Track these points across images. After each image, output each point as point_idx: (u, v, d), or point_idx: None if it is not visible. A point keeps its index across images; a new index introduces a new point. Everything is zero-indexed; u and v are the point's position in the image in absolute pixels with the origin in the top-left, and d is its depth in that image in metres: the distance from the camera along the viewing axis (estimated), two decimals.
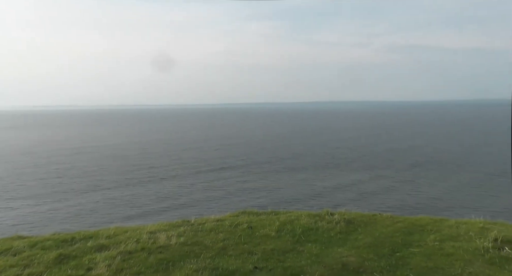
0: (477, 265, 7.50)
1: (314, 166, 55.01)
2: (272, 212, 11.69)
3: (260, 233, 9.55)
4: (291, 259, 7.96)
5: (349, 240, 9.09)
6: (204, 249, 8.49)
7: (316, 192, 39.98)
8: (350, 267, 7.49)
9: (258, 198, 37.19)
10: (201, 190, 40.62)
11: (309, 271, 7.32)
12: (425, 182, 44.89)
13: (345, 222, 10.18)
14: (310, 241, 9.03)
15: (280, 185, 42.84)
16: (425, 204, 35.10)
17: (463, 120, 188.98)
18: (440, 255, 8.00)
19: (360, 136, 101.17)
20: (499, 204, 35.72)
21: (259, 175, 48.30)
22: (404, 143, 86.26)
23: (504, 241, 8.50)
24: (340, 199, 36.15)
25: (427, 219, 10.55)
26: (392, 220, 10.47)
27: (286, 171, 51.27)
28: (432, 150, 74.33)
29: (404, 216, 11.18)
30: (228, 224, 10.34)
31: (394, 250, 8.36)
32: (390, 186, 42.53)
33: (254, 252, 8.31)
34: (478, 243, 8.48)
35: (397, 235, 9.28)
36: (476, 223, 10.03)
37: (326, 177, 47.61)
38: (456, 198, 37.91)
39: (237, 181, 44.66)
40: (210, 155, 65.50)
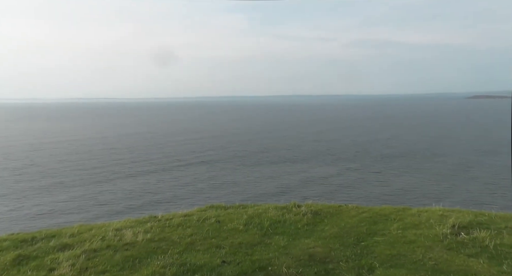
0: (437, 250, 7.82)
1: (283, 160, 55.51)
2: (240, 205, 11.69)
3: (228, 227, 9.54)
4: (258, 252, 7.99)
5: (315, 231, 9.22)
6: (172, 245, 8.40)
7: (284, 185, 40.42)
8: (316, 258, 7.61)
9: (226, 192, 37.20)
10: (169, 185, 40.18)
11: (276, 263, 7.39)
12: (391, 173, 46.29)
13: (312, 214, 10.32)
14: (278, 233, 9.10)
15: (248, 179, 42.99)
16: (389, 195, 36.23)
17: (428, 113, 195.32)
18: (403, 243, 8.27)
19: (329, 130, 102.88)
20: (457, 193, 37.39)
21: (228, 170, 48.27)
22: (372, 135, 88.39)
23: (461, 227, 8.92)
24: (307, 191, 36.72)
25: (390, 208, 10.85)
26: (357, 210, 10.70)
27: (254, 165, 51.46)
28: (399, 142, 76.64)
29: (369, 206, 11.45)
30: (195, 218, 10.25)
31: (359, 239, 8.57)
32: (356, 178, 43.57)
33: (222, 246, 8.30)
34: (437, 230, 8.83)
35: (362, 224, 9.50)
36: (436, 211, 10.42)
37: (295, 170, 48.17)
38: (419, 188, 39.31)
39: (205, 176, 44.46)
40: (178, 150, 64.80)
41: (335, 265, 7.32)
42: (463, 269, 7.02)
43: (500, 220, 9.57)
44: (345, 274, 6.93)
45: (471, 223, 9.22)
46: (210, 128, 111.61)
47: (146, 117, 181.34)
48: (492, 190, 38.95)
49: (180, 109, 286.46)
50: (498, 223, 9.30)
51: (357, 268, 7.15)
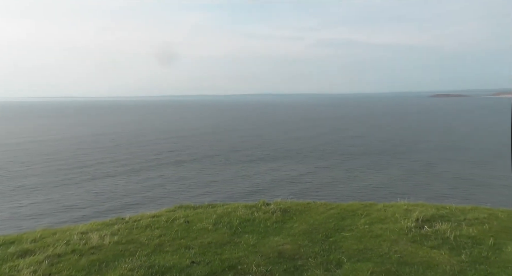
0: (402, 243, 8.07)
1: (251, 159, 55.65)
2: (209, 205, 11.60)
3: (197, 227, 9.45)
4: (228, 251, 7.97)
5: (285, 228, 9.29)
6: (140, 247, 8.23)
7: (253, 183, 40.54)
8: (286, 255, 7.67)
9: (196, 192, 36.93)
10: (137, 186, 39.46)
11: (246, 261, 7.39)
12: (358, 170, 47.33)
13: (281, 211, 10.38)
14: (247, 232, 9.10)
15: (217, 178, 42.83)
16: (357, 191, 37.06)
17: (393, 111, 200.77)
18: (370, 237, 8.48)
19: (295, 129, 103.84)
20: (421, 188, 38.78)
21: (196, 169, 47.90)
22: (339, 134, 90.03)
23: (424, 220, 9.25)
24: (276, 190, 37.00)
25: (358, 204, 11.07)
26: (325, 207, 10.85)
27: (223, 164, 51.34)
28: (365, 140, 78.42)
29: (337, 202, 11.64)
30: (164, 219, 10.10)
31: (328, 235, 8.71)
32: (325, 176, 44.28)
33: (191, 247, 8.22)
34: (402, 224, 9.10)
35: (330, 221, 9.65)
36: (401, 206, 10.72)
37: (263, 169, 48.38)
38: (385, 184, 40.44)
39: (174, 176, 43.95)
40: (146, 150, 63.66)
41: (304, 261, 7.40)
42: (426, 260, 7.28)
43: (459, 212, 9.97)
44: (314, 270, 7.02)
45: (434, 216, 9.56)
46: (176, 128, 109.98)
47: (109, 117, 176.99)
48: (453, 184, 40.62)
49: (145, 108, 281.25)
50: (458, 215, 9.69)
51: (325, 264, 7.26)
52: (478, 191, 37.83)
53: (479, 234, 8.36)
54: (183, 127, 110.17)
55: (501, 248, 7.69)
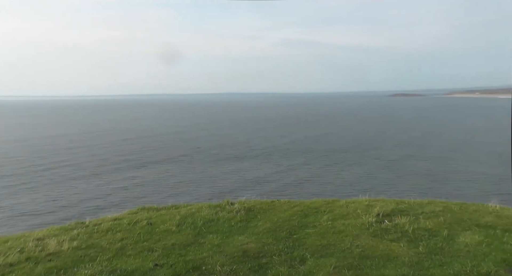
0: (363, 238, 8.30)
1: (215, 158, 55.42)
2: (172, 206, 11.44)
3: (160, 229, 9.29)
4: (192, 252, 7.89)
5: (249, 227, 9.31)
6: (101, 252, 7.99)
7: (217, 183, 40.41)
8: (250, 253, 7.69)
9: (159, 193, 36.34)
10: (96, 189, 38.34)
11: (210, 262, 7.35)
12: (321, 168, 48.18)
13: (245, 211, 10.39)
14: (211, 232, 9.05)
15: (180, 179, 42.36)
16: (320, 188, 37.72)
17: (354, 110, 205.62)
18: (332, 233, 8.65)
19: (260, 128, 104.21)
20: (382, 183, 40.03)
21: (158, 170, 47.14)
22: (301, 133, 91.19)
23: (384, 215, 9.56)
24: (240, 189, 37.05)
25: (321, 201, 11.27)
26: (289, 204, 10.97)
27: (187, 165, 50.81)
28: (327, 138, 79.92)
29: (301, 200, 11.79)
30: (126, 222, 9.86)
31: (292, 232, 8.81)
32: (288, 174, 44.75)
33: (155, 249, 8.07)
34: (364, 219, 9.36)
35: (294, 218, 9.77)
36: (362, 202, 11.01)
37: (228, 168, 48.31)
38: (348, 181, 41.43)
39: (136, 178, 43.05)
40: (107, 152, 61.90)
41: (268, 259, 7.45)
42: (386, 253, 7.53)
43: (417, 206, 10.37)
44: (278, 267, 7.08)
45: (394, 211, 9.88)
46: (137, 128, 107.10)
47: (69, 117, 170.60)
48: (412, 180, 42.20)
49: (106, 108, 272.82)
50: (416, 209, 10.07)
51: (289, 261, 7.34)
52: (434, 186, 39.51)
53: (435, 226, 8.74)
54: (144, 128, 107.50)
55: (454, 238, 8.09)
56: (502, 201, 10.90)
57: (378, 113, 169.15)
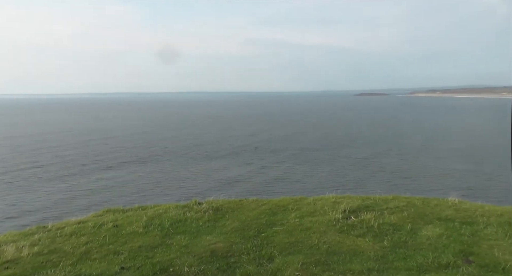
0: (330, 234, 8.44)
1: (183, 158, 54.87)
2: (139, 207, 11.25)
3: (126, 231, 9.11)
4: (159, 253, 7.79)
5: (217, 227, 9.28)
6: (64, 256, 7.73)
7: (186, 183, 40.01)
8: (218, 253, 7.67)
9: (125, 195, 35.60)
10: (58, 191, 37.09)
11: (178, 263, 7.28)
12: (289, 167, 48.60)
13: (213, 210, 10.35)
14: (179, 232, 8.96)
15: (148, 179, 41.67)
16: (288, 187, 38.04)
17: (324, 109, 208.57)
18: (300, 230, 8.75)
19: (228, 127, 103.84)
20: (349, 180, 40.86)
21: (124, 171, 46.15)
22: (271, 132, 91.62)
23: (351, 211, 9.76)
24: (209, 189, 36.84)
25: (288, 199, 11.36)
26: (257, 203, 11.00)
27: (154, 164, 50.03)
28: (295, 137, 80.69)
29: (269, 198, 11.84)
30: (91, 225, 9.61)
31: (260, 231, 8.85)
32: (257, 172, 44.88)
33: (121, 252, 7.91)
34: (331, 216, 9.52)
35: (262, 216, 9.81)
36: (329, 199, 11.19)
37: (196, 168, 47.94)
38: (315, 179, 41.99)
39: (101, 179, 41.96)
40: (71, 153, 59.90)
41: (236, 258, 7.46)
42: (353, 248, 7.70)
43: (382, 202, 10.64)
44: (246, 266, 7.10)
45: (359, 207, 10.10)
46: (103, 128, 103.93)
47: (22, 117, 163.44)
48: (377, 177, 43.28)
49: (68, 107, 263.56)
50: (380, 205, 10.33)
51: (257, 259, 7.37)
52: (399, 182, 40.71)
53: (399, 221, 9.01)
54: (110, 128, 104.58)
55: (417, 232, 8.38)
56: (460, 195, 11.35)
57: (345, 113, 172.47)
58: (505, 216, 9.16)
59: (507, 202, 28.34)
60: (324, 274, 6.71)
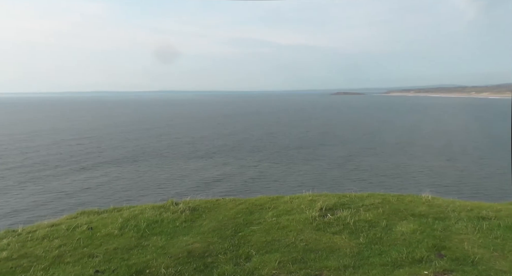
0: (307, 232, 8.49)
1: (158, 158, 54.33)
2: (114, 209, 11.03)
3: (101, 233, 8.92)
4: (135, 255, 7.66)
5: (194, 227, 9.20)
6: (35, 261, 7.50)
7: (161, 183, 39.64)
8: (195, 253, 7.61)
9: (100, 196, 34.99)
10: (30, 194, 36.12)
11: (154, 264, 7.18)
12: (266, 166, 48.74)
13: (190, 210, 10.24)
14: (155, 233, 8.84)
15: (123, 181, 41.06)
16: (265, 186, 38.20)
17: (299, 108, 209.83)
18: (277, 229, 8.76)
19: (203, 127, 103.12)
20: (326, 179, 41.30)
21: (97, 172, 45.35)
22: (248, 131, 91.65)
23: (327, 209, 9.83)
24: (185, 189, 36.61)
25: (265, 198, 11.35)
26: (234, 202, 10.96)
27: (129, 165, 49.32)
28: (274, 137, 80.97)
29: (246, 198, 11.81)
30: (64, 228, 9.35)
31: (237, 230, 8.82)
32: (233, 172, 44.87)
33: (95, 255, 7.74)
34: (307, 214, 9.56)
35: (239, 216, 9.77)
36: (306, 197, 11.23)
37: (171, 167, 47.56)
38: (292, 178, 42.27)
39: (75, 181, 41.09)
40: (42, 155, 58.35)
41: (214, 258, 7.42)
42: (329, 245, 7.77)
43: (358, 199, 10.77)
44: (224, 265, 7.07)
45: (336, 204, 10.19)
46: (75, 128, 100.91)
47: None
48: (353, 175, 43.95)
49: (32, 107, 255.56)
50: (356, 202, 10.46)
51: (235, 258, 7.35)
52: (374, 180, 41.46)
53: (374, 218, 9.14)
54: (83, 128, 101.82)
55: (392, 228, 8.53)
56: (433, 191, 11.63)
57: (322, 112, 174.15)
58: (475, 210, 9.44)
59: (477, 197, 29.33)
60: (301, 271, 6.75)
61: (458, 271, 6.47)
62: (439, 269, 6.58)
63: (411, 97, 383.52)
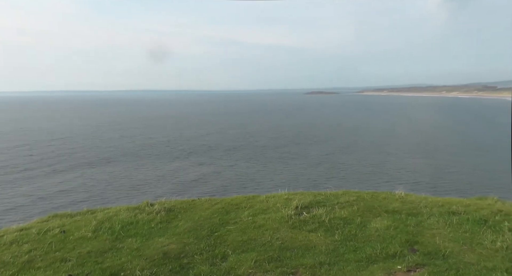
0: (283, 231, 8.54)
1: (131, 158, 53.58)
2: (88, 211, 10.79)
3: (74, 236, 8.70)
4: (110, 258, 7.51)
5: (169, 228, 9.10)
6: (3, 267, 7.23)
7: (135, 184, 39.08)
8: (171, 255, 7.53)
9: (73, 198, 34.19)
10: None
11: (129, 267, 7.06)
12: (242, 165, 48.71)
13: (166, 211, 10.12)
14: (130, 235, 8.69)
15: (95, 182, 40.26)
16: (242, 185, 38.19)
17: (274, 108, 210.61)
18: (253, 228, 8.78)
19: (181, 127, 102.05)
20: (302, 178, 41.63)
21: (70, 174, 44.28)
22: (223, 131, 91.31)
23: (303, 207, 9.91)
24: (160, 189, 36.24)
25: (241, 197, 11.35)
26: (210, 202, 10.90)
27: (103, 166, 48.38)
28: (250, 136, 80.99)
29: (222, 197, 11.77)
30: (35, 232, 9.06)
31: (213, 230, 8.78)
32: (209, 172, 44.67)
33: (68, 259, 7.54)
34: (283, 212, 9.61)
35: (215, 216, 9.74)
36: (282, 196, 11.28)
37: (146, 168, 46.95)
38: (268, 177, 42.43)
39: (46, 183, 39.98)
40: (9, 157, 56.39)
41: (189, 259, 7.37)
42: (305, 243, 7.84)
43: (333, 197, 10.89)
44: (200, 266, 7.03)
45: (311, 202, 10.28)
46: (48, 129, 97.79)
47: None
48: (329, 173, 44.48)
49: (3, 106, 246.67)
50: (332, 200, 10.58)
51: (211, 259, 7.33)
52: (349, 177, 42.08)
53: (349, 215, 9.28)
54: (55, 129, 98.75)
55: (366, 225, 8.69)
56: (406, 188, 11.90)
57: (297, 111, 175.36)
58: (446, 206, 9.73)
59: (448, 193, 30.20)
60: (277, 270, 6.79)
61: (430, 265, 6.65)
62: (412, 264, 6.74)
63: (385, 97, 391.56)
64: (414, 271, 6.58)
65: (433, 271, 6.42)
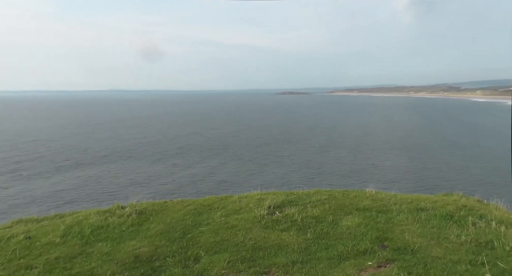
0: (255, 231, 8.54)
1: (104, 160, 52.38)
2: (56, 215, 10.46)
3: (41, 242, 8.38)
4: (79, 264, 7.29)
5: (141, 231, 8.94)
6: None
7: (105, 187, 38.25)
8: (143, 258, 7.40)
9: (39, 202, 33.09)
10: None
11: (99, 272, 6.89)
12: (215, 166, 48.50)
13: (137, 214, 9.93)
14: (101, 239, 8.47)
15: (63, 185, 39.14)
16: (214, 186, 38.03)
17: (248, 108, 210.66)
18: (226, 229, 8.74)
19: (153, 127, 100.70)
20: (274, 177, 41.85)
21: (37, 177, 42.84)
22: (195, 131, 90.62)
23: (275, 206, 9.95)
24: (132, 192, 35.60)
25: (214, 198, 11.27)
26: (182, 204, 10.78)
27: (72, 169, 47.08)
28: (222, 136, 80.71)
29: (194, 199, 11.66)
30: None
31: (185, 232, 8.69)
32: (182, 173, 44.24)
33: (34, 266, 7.25)
34: (256, 212, 9.61)
35: (188, 217, 9.63)
36: (254, 196, 11.28)
37: (117, 170, 46.03)
38: (241, 177, 42.42)
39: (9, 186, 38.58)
40: None
41: (161, 262, 7.26)
42: (277, 243, 7.88)
43: (305, 196, 10.98)
44: (172, 268, 6.95)
45: (284, 202, 10.33)
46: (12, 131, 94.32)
47: None
48: (301, 172, 44.90)
49: None
50: (304, 199, 10.67)
51: (183, 261, 7.25)
52: (321, 176, 42.64)
53: (321, 214, 9.39)
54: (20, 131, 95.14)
55: (338, 223, 8.82)
56: (377, 186, 12.15)
57: (270, 111, 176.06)
58: (414, 203, 10.00)
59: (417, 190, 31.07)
60: (250, 270, 6.79)
61: (400, 260, 6.82)
62: (382, 260, 6.89)
63: (355, 97, 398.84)
64: (384, 266, 6.72)
65: (402, 266, 6.58)
